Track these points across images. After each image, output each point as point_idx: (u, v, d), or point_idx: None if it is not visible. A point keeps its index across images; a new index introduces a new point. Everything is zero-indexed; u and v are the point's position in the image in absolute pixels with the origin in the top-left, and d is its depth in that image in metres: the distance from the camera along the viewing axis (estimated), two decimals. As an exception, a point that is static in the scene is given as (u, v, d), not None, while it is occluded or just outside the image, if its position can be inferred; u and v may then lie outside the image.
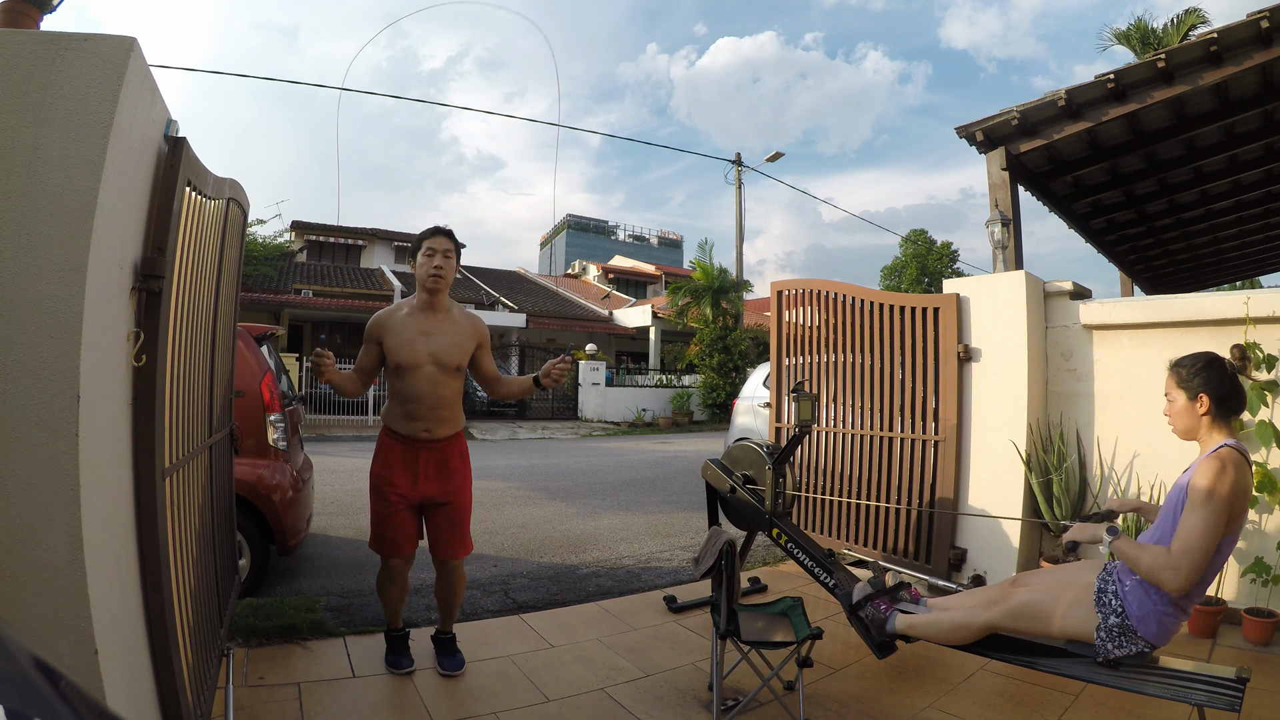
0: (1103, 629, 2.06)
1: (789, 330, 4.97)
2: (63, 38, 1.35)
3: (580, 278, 33.98)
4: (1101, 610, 2.07)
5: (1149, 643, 2.02)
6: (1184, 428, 2.11)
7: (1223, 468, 1.90)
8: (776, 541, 3.18)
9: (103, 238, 1.33)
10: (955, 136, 4.77)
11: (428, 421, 2.58)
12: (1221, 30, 3.61)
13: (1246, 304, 3.30)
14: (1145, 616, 1.99)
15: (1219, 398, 2.02)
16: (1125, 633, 2.03)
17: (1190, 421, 2.08)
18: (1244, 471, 1.92)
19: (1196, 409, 2.05)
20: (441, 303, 2.65)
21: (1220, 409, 2.03)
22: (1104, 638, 2.06)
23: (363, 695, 2.47)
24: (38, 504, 1.23)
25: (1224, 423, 2.04)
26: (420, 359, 2.55)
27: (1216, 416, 2.03)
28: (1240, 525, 1.96)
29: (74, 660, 1.24)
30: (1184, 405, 2.08)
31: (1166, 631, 2.01)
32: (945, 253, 25.13)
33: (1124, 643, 2.03)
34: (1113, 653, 2.05)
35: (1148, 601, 1.99)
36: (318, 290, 18.60)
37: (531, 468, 9.10)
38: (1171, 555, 1.88)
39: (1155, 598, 1.99)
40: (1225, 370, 2.05)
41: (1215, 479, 1.89)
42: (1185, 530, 1.90)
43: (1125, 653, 2.04)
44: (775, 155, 18.70)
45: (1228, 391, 2.03)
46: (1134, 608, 2.01)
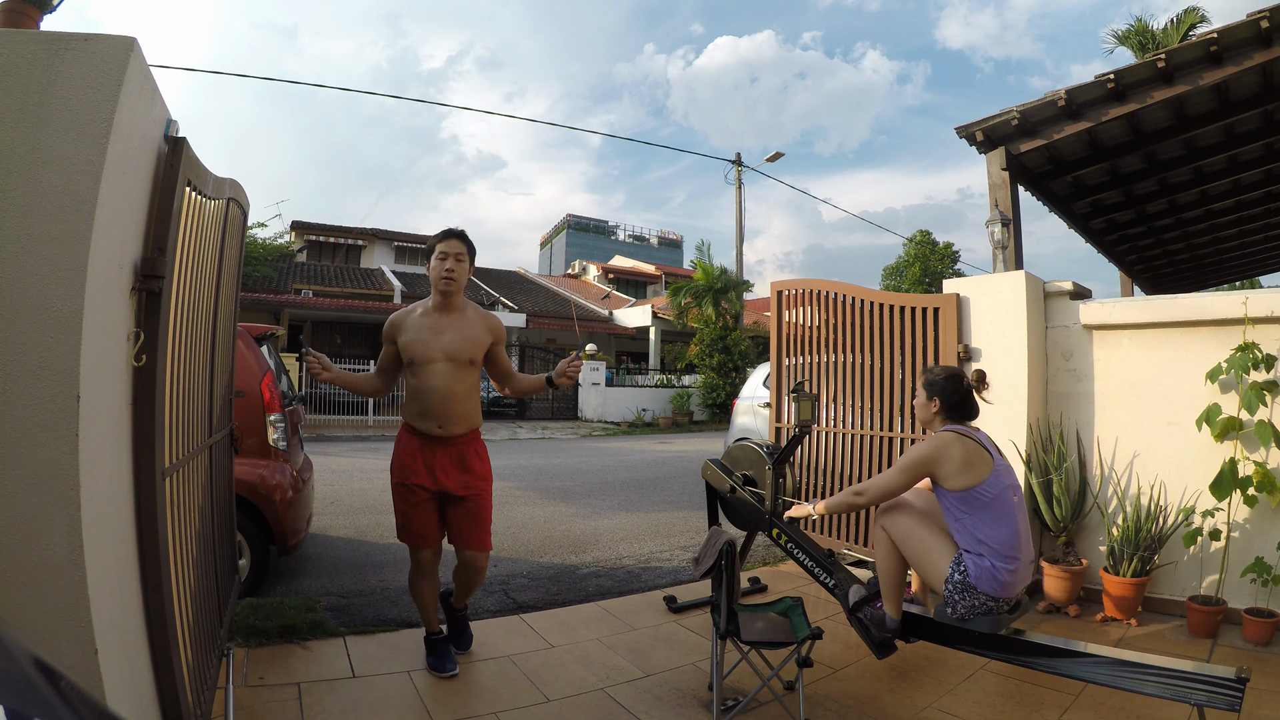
0: (949, 583, 2.41)
1: (789, 330, 4.97)
2: (63, 38, 1.35)
3: (580, 278, 33.98)
4: (952, 566, 2.43)
5: (990, 596, 2.35)
6: (922, 419, 2.70)
7: (930, 440, 2.52)
8: (776, 541, 3.18)
9: (103, 238, 1.33)
10: (953, 137, 4.78)
11: (440, 418, 2.61)
12: (1221, 30, 3.61)
13: (1245, 304, 3.31)
14: (981, 574, 2.34)
15: (948, 404, 2.58)
16: (966, 589, 2.37)
17: (927, 415, 2.66)
18: (950, 443, 2.44)
19: (931, 407, 2.62)
20: (455, 303, 2.68)
21: (949, 412, 2.59)
22: (949, 591, 2.42)
23: (363, 695, 2.47)
24: (38, 504, 1.23)
25: (953, 418, 2.59)
26: (433, 355, 2.59)
27: (945, 414, 2.60)
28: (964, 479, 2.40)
29: (74, 660, 1.24)
30: (924, 402, 2.65)
31: (1001, 583, 2.33)
32: (947, 253, 25.14)
33: (966, 597, 2.38)
34: (959, 607, 2.39)
35: (982, 560, 2.35)
36: (318, 290, 18.61)
37: (531, 467, 9.10)
38: (865, 485, 2.66)
39: (984, 555, 2.34)
40: (960, 384, 2.60)
41: (920, 446, 2.52)
42: (884, 473, 2.65)
43: (969, 605, 2.38)
44: (775, 155, 18.72)
45: (956, 401, 2.58)
46: (971, 568, 2.36)
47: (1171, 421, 3.57)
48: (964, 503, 2.40)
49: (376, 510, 5.94)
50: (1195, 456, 3.46)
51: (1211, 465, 3.35)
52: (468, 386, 2.66)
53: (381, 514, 5.77)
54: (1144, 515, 3.39)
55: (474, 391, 2.70)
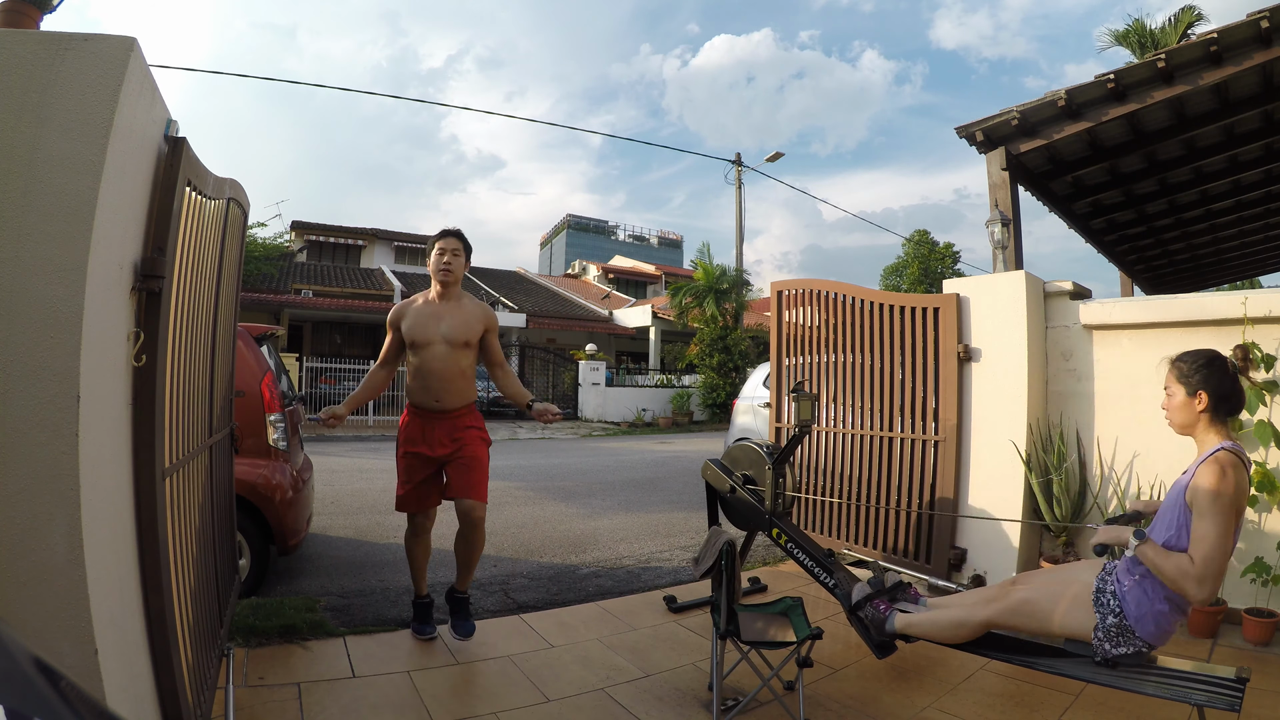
0: (1100, 629, 2.07)
1: (789, 330, 4.97)
2: (63, 38, 1.35)
3: (580, 278, 33.97)
4: (1100, 610, 2.08)
5: (1147, 643, 2.03)
6: (1180, 423, 2.12)
7: (1223, 472, 1.90)
8: (776, 541, 3.18)
9: (103, 238, 1.33)
10: (949, 137, 4.82)
11: (438, 393, 2.92)
12: (1221, 30, 3.61)
13: (1244, 304, 3.30)
14: (1143, 617, 2.00)
15: (1218, 396, 2.02)
16: (1123, 633, 2.03)
17: (1187, 417, 2.08)
18: (1242, 474, 1.93)
19: (1195, 405, 2.05)
20: (452, 293, 3.01)
21: (1218, 408, 2.02)
22: (1101, 637, 2.07)
23: (363, 695, 2.47)
24: (38, 504, 1.23)
25: (1221, 422, 2.04)
26: (432, 337, 2.91)
27: (1214, 415, 2.03)
28: (1240, 525, 1.96)
29: (74, 660, 1.24)
30: (1182, 400, 2.08)
31: (1164, 632, 2.02)
32: (947, 253, 25.14)
33: (1121, 642, 2.04)
34: (1110, 652, 2.06)
35: (1145, 601, 2.00)
36: (318, 290, 18.60)
37: (531, 467, 9.10)
38: (1195, 565, 1.87)
39: (1153, 597, 1.99)
40: (1226, 369, 2.05)
41: (1219, 483, 1.89)
42: (1202, 539, 1.88)
43: (1122, 652, 2.04)
44: (775, 155, 18.71)
45: (1227, 391, 2.02)
46: (1132, 608, 2.02)
47: (1171, 421, 3.57)
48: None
49: (376, 510, 5.94)
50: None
51: (1211, 465, 3.34)
52: (463, 367, 2.96)
53: (381, 514, 5.77)
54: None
55: (470, 370, 3.01)
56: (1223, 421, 2.05)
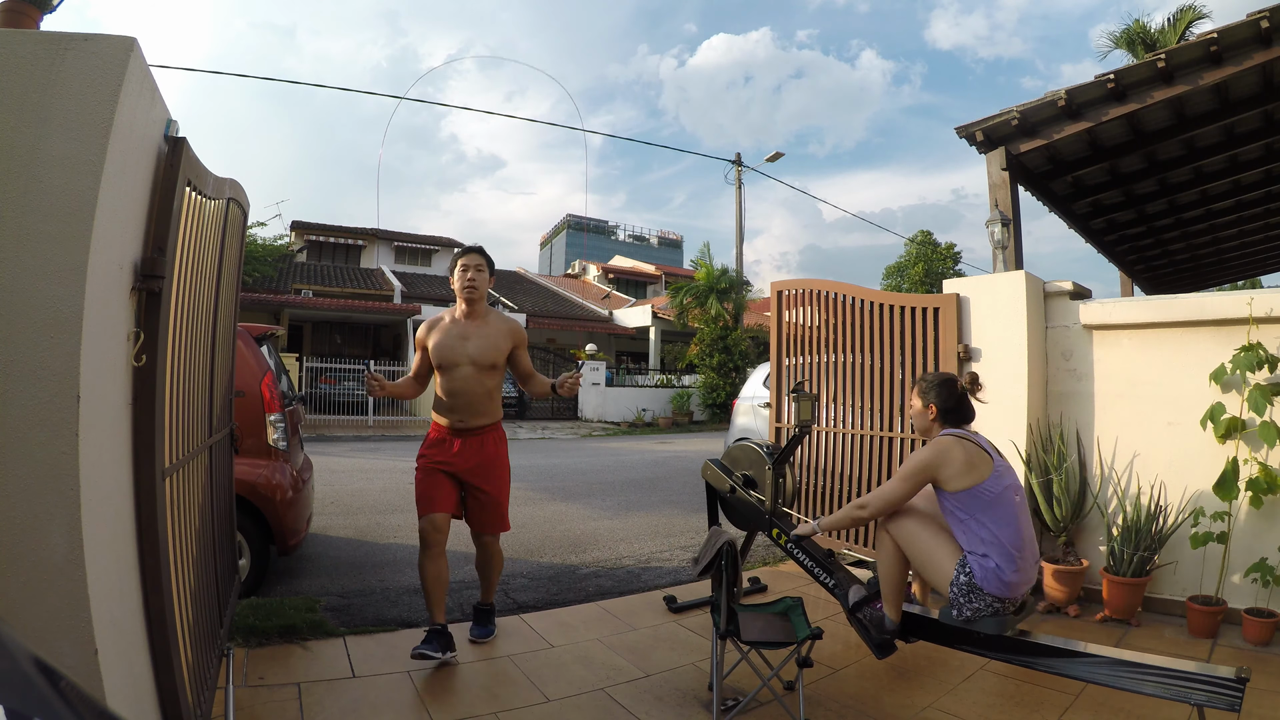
0: (955, 586, 2.40)
1: (789, 330, 4.97)
2: (63, 38, 1.34)
3: (580, 278, 33.97)
4: (958, 568, 2.42)
5: (996, 597, 2.34)
6: (920, 428, 2.69)
7: (929, 446, 2.51)
8: (776, 541, 3.18)
9: (103, 238, 1.33)
10: (947, 138, 4.90)
11: (464, 413, 2.93)
12: (1221, 30, 3.61)
13: (1250, 304, 3.30)
14: (986, 575, 2.33)
15: (944, 410, 2.59)
16: (972, 591, 2.36)
17: (923, 423, 2.66)
18: (950, 447, 2.45)
19: (928, 415, 2.63)
20: (478, 310, 2.99)
21: (946, 417, 2.59)
22: (955, 593, 2.41)
23: (363, 695, 2.47)
24: (38, 504, 1.23)
25: (949, 424, 2.59)
26: (459, 359, 2.89)
27: (943, 421, 2.60)
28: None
29: (74, 660, 1.24)
30: (919, 409, 2.66)
31: (1007, 584, 2.32)
32: (949, 253, 25.13)
33: (973, 599, 2.37)
34: (965, 609, 2.38)
35: (987, 561, 2.35)
36: (318, 290, 18.60)
37: (531, 467, 9.10)
38: (866, 499, 2.64)
39: (989, 555, 2.34)
40: (954, 389, 2.60)
41: (920, 453, 2.52)
42: (886, 483, 2.62)
43: (975, 608, 2.36)
44: (775, 155, 18.71)
45: (952, 406, 2.59)
46: (977, 570, 2.36)
47: (1172, 421, 3.57)
48: (966, 504, 2.40)
49: (377, 510, 5.94)
50: (1195, 456, 3.46)
51: (1211, 465, 3.35)
52: (490, 388, 2.96)
53: (381, 514, 5.78)
54: (1144, 515, 3.39)
55: (496, 390, 3.02)
56: (950, 424, 2.59)
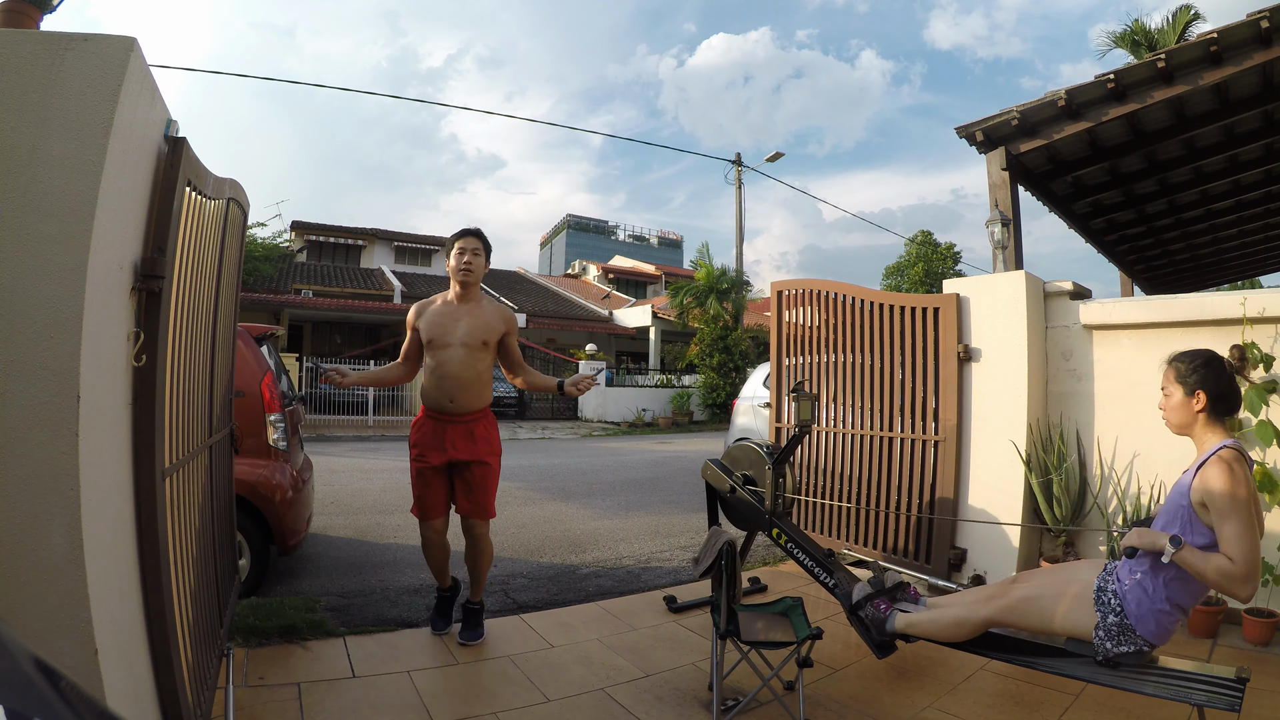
0: (1101, 627, 2.07)
1: (789, 330, 4.97)
2: (63, 38, 1.34)
3: (580, 278, 33.97)
4: (1100, 609, 2.08)
5: (1148, 641, 2.02)
6: (1178, 423, 2.11)
7: (1231, 469, 1.90)
8: (776, 541, 3.18)
9: (103, 238, 1.33)
10: (946, 138, 4.83)
11: (453, 393, 2.89)
12: (1221, 30, 3.61)
13: (1243, 304, 3.30)
14: (1144, 615, 2.00)
15: (1216, 395, 2.02)
16: (1124, 631, 2.03)
17: (1185, 417, 2.08)
18: (1248, 470, 1.94)
19: (1193, 405, 2.05)
20: (472, 294, 2.99)
21: (1216, 407, 2.02)
22: (1102, 636, 2.07)
23: (363, 695, 2.46)
24: (38, 504, 1.23)
25: (1219, 421, 2.04)
26: (450, 339, 2.89)
27: (1211, 414, 2.03)
28: (1261, 518, 1.97)
29: (74, 660, 1.24)
30: (1180, 400, 2.08)
31: (1165, 630, 2.01)
32: (949, 253, 25.13)
33: (1122, 641, 2.04)
34: (1111, 651, 2.06)
35: (1146, 600, 2.00)
36: (318, 290, 18.60)
37: (531, 467, 9.10)
38: (1238, 565, 1.83)
39: (1154, 596, 1.99)
40: (1224, 369, 2.05)
41: (1232, 482, 1.87)
42: (1236, 539, 1.84)
43: (1124, 650, 2.04)
44: (775, 155, 18.71)
45: (1225, 390, 2.03)
46: (1132, 606, 2.01)
47: (1171, 421, 3.56)
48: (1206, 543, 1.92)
49: (376, 510, 5.94)
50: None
51: (1211, 465, 3.34)
52: (480, 369, 2.94)
53: (381, 514, 5.78)
54: (1144, 515, 3.39)
55: (486, 374, 2.98)
56: (1220, 421, 2.04)
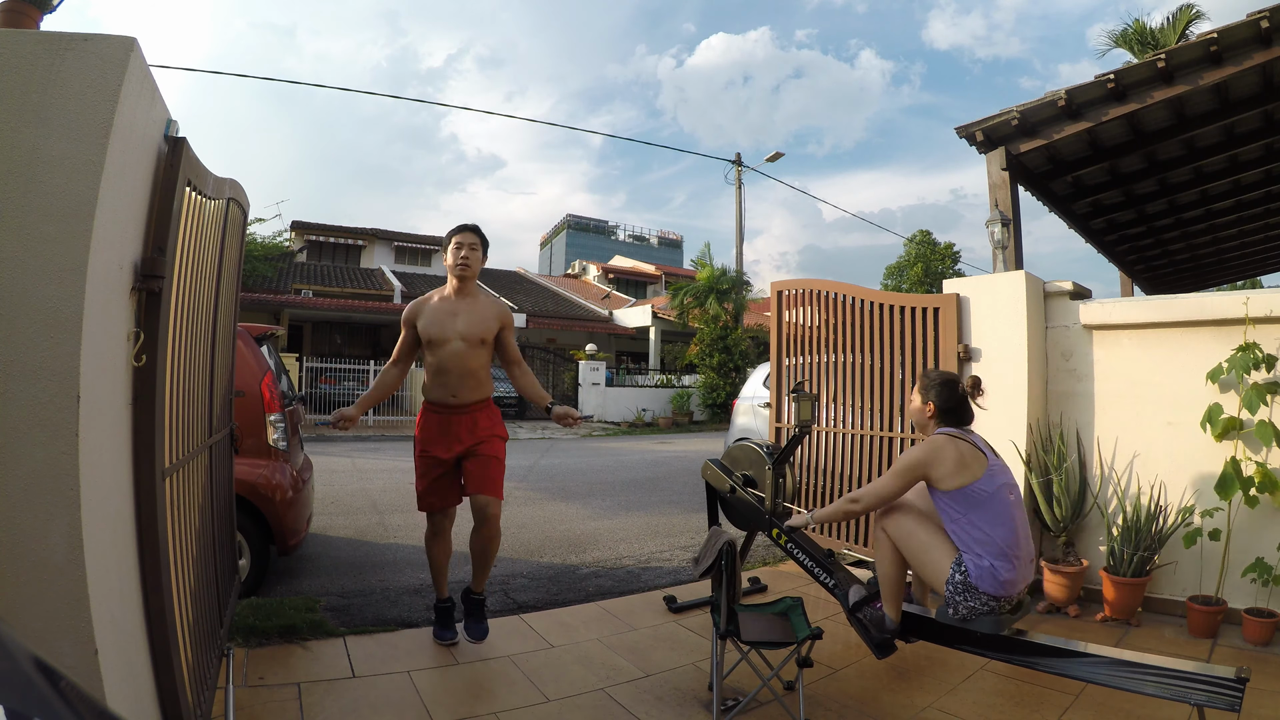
0: (950, 584, 2.41)
1: (789, 330, 4.97)
2: (63, 38, 1.34)
3: (580, 278, 33.96)
4: (953, 567, 2.42)
5: (992, 596, 2.34)
6: (918, 424, 2.70)
7: (923, 444, 2.52)
8: (776, 541, 3.18)
9: (103, 238, 1.33)
10: (945, 138, 4.89)
11: (455, 388, 2.92)
12: (1221, 30, 3.61)
13: (1245, 304, 3.30)
14: (981, 574, 2.33)
15: (942, 409, 2.59)
16: (968, 589, 2.36)
17: (921, 419, 2.66)
18: (943, 445, 2.46)
19: (925, 411, 2.63)
20: (469, 289, 3.00)
21: (944, 418, 2.59)
22: (951, 591, 2.41)
23: (363, 695, 2.47)
24: (38, 504, 1.23)
25: (945, 423, 2.59)
26: (448, 335, 2.90)
27: (940, 419, 2.60)
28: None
29: (74, 660, 1.24)
30: (918, 406, 2.66)
31: (1002, 583, 2.32)
32: (948, 253, 25.13)
33: (968, 598, 2.37)
34: (961, 607, 2.38)
35: (982, 560, 2.34)
36: (318, 290, 18.60)
37: (531, 467, 9.10)
38: (857, 494, 2.66)
39: (983, 555, 2.34)
40: (955, 390, 2.60)
41: (913, 451, 2.53)
42: (878, 479, 2.63)
43: (971, 606, 2.37)
44: (775, 155, 18.71)
45: (953, 406, 2.59)
46: (972, 569, 2.35)
47: (1171, 421, 3.57)
48: (959, 503, 2.40)
49: (376, 510, 5.94)
50: (1195, 456, 3.46)
51: (1211, 465, 3.35)
52: (479, 363, 2.96)
53: (381, 514, 5.78)
54: (1144, 515, 3.39)
55: (485, 368, 3.01)
56: (946, 424, 2.58)
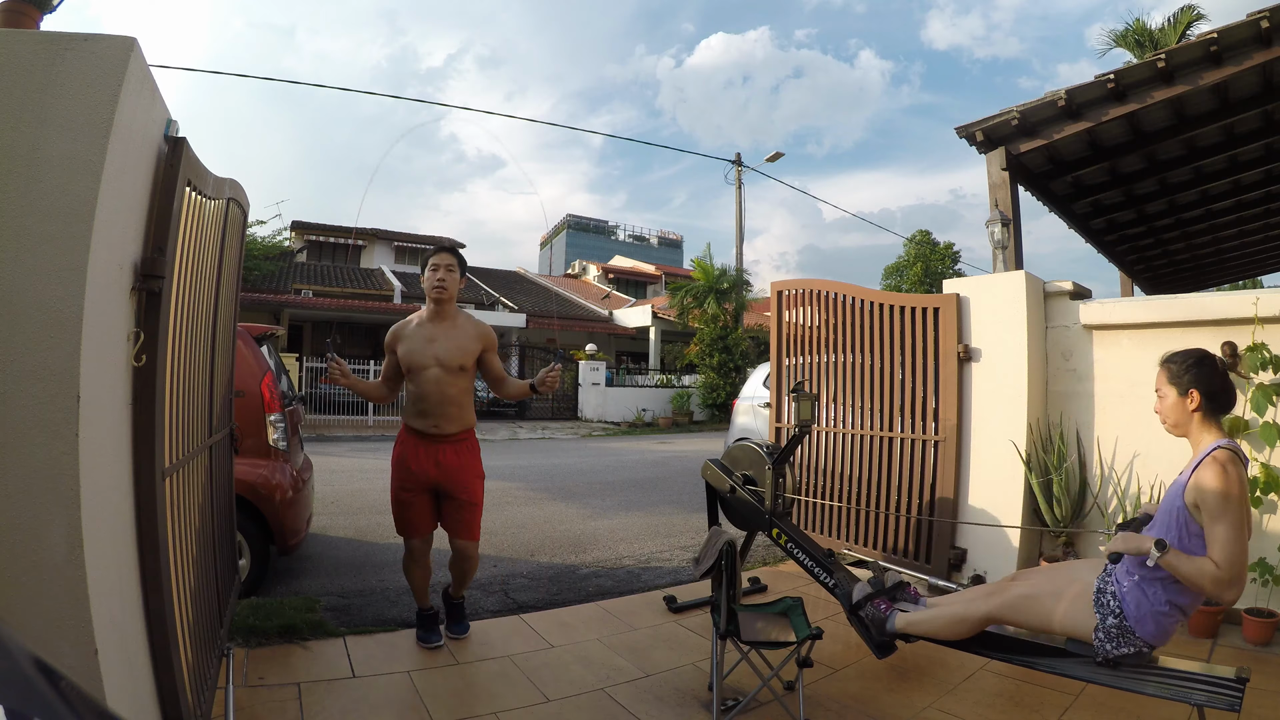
0: (1101, 629, 2.07)
1: (789, 330, 4.97)
2: (63, 38, 1.35)
3: (580, 278, 33.96)
4: (1100, 610, 2.08)
5: (1147, 643, 2.02)
6: (1174, 423, 2.12)
7: (1224, 470, 1.90)
8: (776, 541, 3.18)
9: (103, 238, 1.33)
10: (944, 138, 4.83)
11: (436, 418, 2.84)
12: (1221, 30, 3.61)
13: (1255, 304, 3.28)
14: (1143, 617, 2.00)
15: (1209, 394, 2.03)
16: (1123, 633, 2.03)
17: (1180, 417, 2.09)
18: (1242, 470, 1.94)
19: (1187, 405, 2.06)
20: (446, 311, 2.92)
21: (1210, 405, 2.03)
22: (1102, 638, 2.07)
23: (363, 695, 2.47)
24: (38, 504, 1.23)
25: (1214, 420, 2.05)
26: (427, 362, 2.82)
27: (1207, 413, 2.04)
28: (1249, 520, 1.97)
29: (74, 660, 1.24)
30: (1175, 401, 2.09)
31: (1164, 632, 2.01)
32: (948, 253, 25.11)
33: (1122, 643, 2.04)
34: (1111, 652, 2.06)
35: (1145, 602, 2.00)
36: (318, 290, 18.59)
37: (531, 468, 9.10)
38: (1222, 568, 1.85)
39: (1153, 599, 1.99)
40: (1216, 367, 2.06)
41: (1224, 483, 1.88)
42: (1223, 541, 1.87)
43: (1124, 652, 2.04)
44: (775, 155, 18.71)
45: (1218, 388, 2.04)
46: (1132, 608, 2.01)
47: (1171, 421, 3.56)
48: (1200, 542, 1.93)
49: (376, 510, 5.94)
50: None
51: (1211, 465, 3.34)
52: (459, 390, 2.88)
53: (381, 514, 5.77)
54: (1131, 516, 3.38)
55: (466, 394, 2.93)
56: (1215, 419, 2.05)
